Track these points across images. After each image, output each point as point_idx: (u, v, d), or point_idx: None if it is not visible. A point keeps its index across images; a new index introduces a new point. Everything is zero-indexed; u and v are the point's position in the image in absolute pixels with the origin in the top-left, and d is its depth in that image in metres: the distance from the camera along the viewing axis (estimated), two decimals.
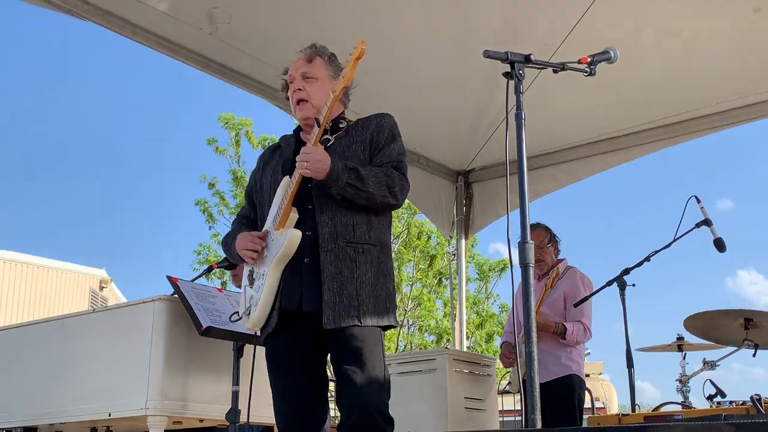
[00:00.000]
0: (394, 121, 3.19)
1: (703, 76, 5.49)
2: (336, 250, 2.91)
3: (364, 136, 3.11)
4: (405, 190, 3.05)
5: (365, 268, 2.93)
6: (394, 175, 3.00)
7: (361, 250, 2.95)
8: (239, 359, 3.33)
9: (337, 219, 2.95)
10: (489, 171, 6.89)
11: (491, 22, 5.05)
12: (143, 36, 4.82)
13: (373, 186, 2.93)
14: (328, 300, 2.86)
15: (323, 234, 2.93)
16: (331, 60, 3.25)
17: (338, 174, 2.88)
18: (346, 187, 2.89)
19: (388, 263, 3.05)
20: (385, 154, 3.08)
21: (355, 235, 2.95)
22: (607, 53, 2.77)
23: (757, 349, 4.20)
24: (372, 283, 2.94)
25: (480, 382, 4.93)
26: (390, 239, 3.14)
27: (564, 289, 5.14)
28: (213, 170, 24.71)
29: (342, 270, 2.89)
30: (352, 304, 2.86)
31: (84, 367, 3.46)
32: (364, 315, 2.87)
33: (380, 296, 2.95)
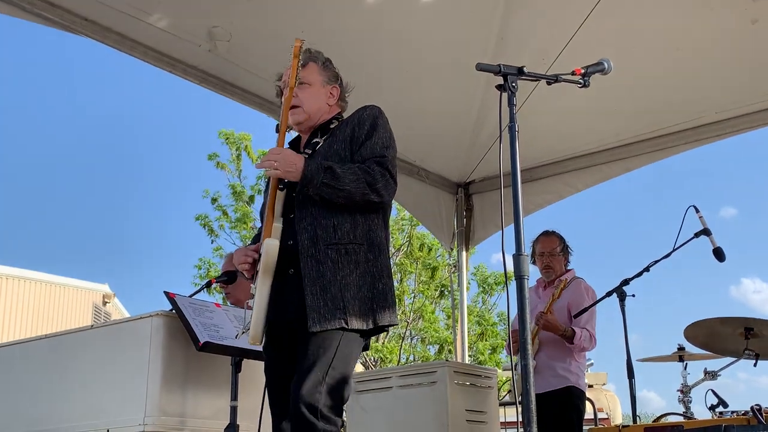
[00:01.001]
0: (378, 111, 3.09)
1: (703, 85, 5.50)
2: (316, 254, 2.84)
3: (345, 133, 3.04)
4: (389, 186, 2.93)
5: (349, 269, 2.84)
6: (375, 171, 2.89)
7: (344, 251, 2.85)
8: (237, 374, 3.32)
9: (317, 223, 2.87)
10: (489, 183, 6.88)
11: (489, 36, 5.07)
12: (141, 51, 4.84)
13: (350, 184, 2.83)
14: (312, 304, 2.77)
15: (302, 240, 2.86)
16: (325, 65, 3.21)
17: (312, 174, 2.82)
18: (322, 187, 2.82)
19: (378, 262, 2.93)
20: (367, 148, 2.97)
21: (337, 236, 2.86)
22: (601, 64, 2.76)
23: (757, 359, 4.17)
24: (357, 285, 2.83)
25: (481, 394, 4.90)
26: (383, 236, 3.00)
27: (568, 299, 5.13)
28: (214, 184, 24.77)
29: (324, 273, 2.81)
30: (338, 307, 2.78)
31: (82, 383, 3.45)
32: (350, 317, 2.78)
33: (366, 297, 2.84)
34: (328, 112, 3.17)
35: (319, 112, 3.14)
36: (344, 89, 3.26)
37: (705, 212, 4.48)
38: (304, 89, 3.10)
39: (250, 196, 17.97)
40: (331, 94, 3.18)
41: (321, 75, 3.16)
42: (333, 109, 3.19)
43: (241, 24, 4.80)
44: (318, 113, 3.14)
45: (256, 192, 18.02)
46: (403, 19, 4.93)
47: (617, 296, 4.56)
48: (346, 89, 3.27)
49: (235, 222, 17.91)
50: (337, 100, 3.20)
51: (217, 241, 18.01)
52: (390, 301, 2.92)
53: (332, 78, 3.20)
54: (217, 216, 17.96)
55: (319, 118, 3.14)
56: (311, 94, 3.11)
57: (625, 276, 4.60)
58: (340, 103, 3.22)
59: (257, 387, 3.55)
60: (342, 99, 3.23)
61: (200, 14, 4.72)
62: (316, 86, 3.13)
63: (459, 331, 6.94)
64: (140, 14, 4.59)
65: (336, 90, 3.20)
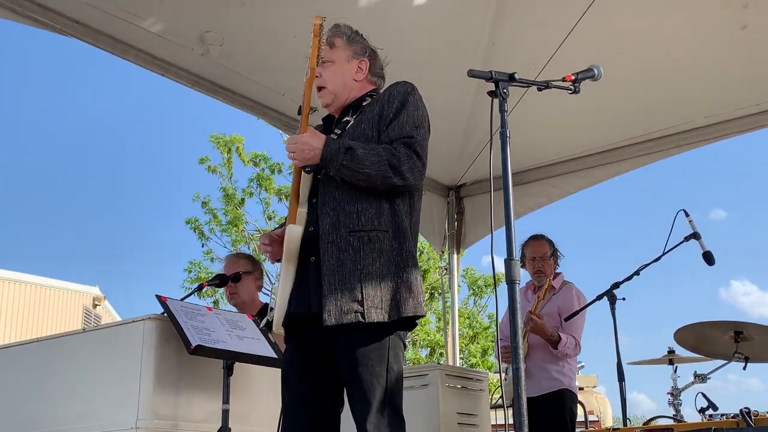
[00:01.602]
0: (411, 87, 2.93)
1: (692, 90, 5.54)
2: (338, 240, 2.70)
3: (374, 111, 2.87)
4: (416, 169, 2.77)
5: (372, 258, 2.68)
6: (400, 152, 2.73)
7: (366, 239, 2.70)
8: (229, 377, 3.32)
9: (340, 208, 2.73)
10: (480, 186, 6.90)
11: (480, 42, 5.09)
12: (133, 54, 4.85)
13: (371, 166, 2.68)
14: (328, 295, 2.64)
15: (324, 226, 2.73)
16: (351, 39, 3.03)
17: (331, 155, 2.68)
18: (341, 169, 2.68)
19: (404, 250, 2.75)
20: (394, 128, 2.81)
21: (360, 222, 2.71)
22: (591, 71, 2.78)
23: (747, 362, 4.19)
24: (380, 274, 2.68)
25: (473, 397, 4.91)
26: (408, 223, 2.83)
27: (559, 303, 5.16)
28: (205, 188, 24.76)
29: (344, 262, 2.67)
30: (356, 299, 2.63)
31: (74, 387, 3.45)
32: (368, 310, 2.63)
33: (388, 287, 2.68)
34: (358, 89, 3.01)
35: (346, 89, 2.99)
36: (376, 62, 3.08)
37: (694, 214, 4.51)
38: (327, 68, 2.95)
39: (241, 199, 17.97)
40: (359, 68, 3.02)
41: (346, 50, 2.99)
42: (364, 84, 3.03)
43: (233, 28, 4.81)
44: (345, 91, 2.99)
45: (247, 195, 18.02)
46: (394, 23, 4.93)
47: (608, 300, 4.58)
48: (379, 62, 3.09)
49: (226, 225, 17.90)
50: (367, 74, 3.03)
51: (207, 244, 18.00)
52: (415, 290, 2.75)
53: (359, 51, 3.03)
54: (208, 219, 17.96)
55: (348, 95, 2.99)
56: (334, 72, 2.97)
57: (615, 279, 4.62)
58: (372, 78, 3.06)
59: (249, 390, 3.57)
60: (374, 73, 3.06)
61: (193, 19, 4.73)
62: (340, 62, 2.98)
63: (450, 333, 6.96)
64: (134, 19, 4.59)
65: (365, 63, 3.03)
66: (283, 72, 5.23)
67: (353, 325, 2.65)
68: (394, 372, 2.69)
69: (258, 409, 3.60)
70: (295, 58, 5.04)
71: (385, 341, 2.70)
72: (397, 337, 2.76)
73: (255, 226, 18.08)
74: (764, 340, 4.19)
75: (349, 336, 2.68)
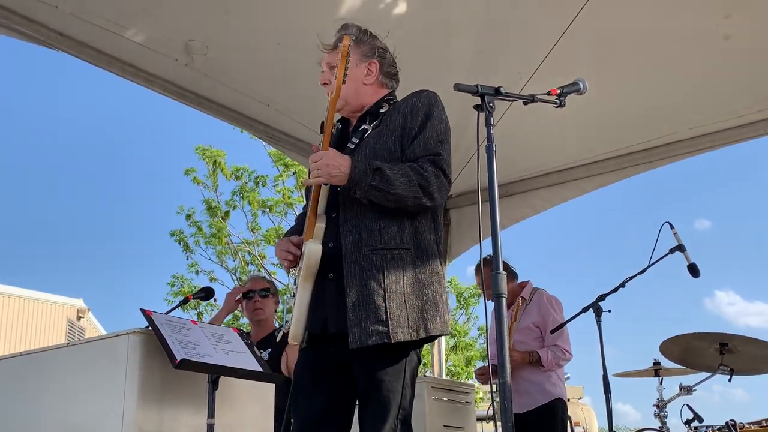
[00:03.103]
0: (434, 98, 2.87)
1: (676, 102, 5.56)
2: (360, 260, 2.65)
3: (396, 122, 2.81)
4: (444, 188, 2.74)
5: (395, 277, 2.64)
6: (428, 172, 2.68)
7: (389, 257, 2.65)
8: (214, 392, 3.30)
9: (362, 225, 2.69)
10: (466, 198, 6.88)
11: (465, 52, 5.09)
12: (118, 67, 4.84)
13: (401, 187, 2.63)
14: (354, 318, 2.60)
15: (346, 244, 2.68)
16: (359, 40, 2.95)
17: (360, 177, 2.61)
18: (371, 190, 2.62)
19: (428, 267, 2.72)
20: (420, 144, 2.75)
21: (383, 240, 2.67)
22: (577, 85, 2.78)
23: (732, 374, 4.21)
24: (404, 293, 2.64)
25: (459, 410, 4.91)
26: (432, 239, 2.81)
27: (534, 314, 5.16)
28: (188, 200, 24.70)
29: (368, 282, 2.62)
30: (380, 319, 2.59)
31: (58, 402, 3.41)
32: (394, 330, 2.59)
33: (414, 306, 2.64)
34: (371, 94, 2.95)
35: (358, 94, 2.93)
36: (385, 61, 3.01)
37: (679, 225, 4.54)
38: (335, 72, 2.82)
39: (226, 211, 17.93)
40: (369, 71, 2.96)
41: (354, 53, 2.87)
42: (376, 89, 2.97)
43: (217, 37, 4.79)
44: (356, 96, 2.93)
45: (231, 207, 17.95)
46: (379, 33, 4.93)
47: (593, 312, 4.58)
48: (388, 59, 3.02)
49: (210, 237, 17.85)
50: (377, 77, 2.97)
51: (192, 257, 17.94)
52: (441, 308, 2.73)
53: (368, 53, 2.97)
54: (193, 232, 17.90)
55: (360, 101, 2.94)
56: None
57: (601, 291, 4.63)
58: (384, 80, 3.00)
59: (234, 404, 3.54)
60: (385, 74, 3.00)
61: (176, 28, 4.71)
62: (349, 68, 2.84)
63: (437, 345, 6.94)
64: (116, 28, 4.57)
65: (374, 65, 2.97)
66: (267, 81, 5.23)
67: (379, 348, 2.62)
68: (409, 388, 2.70)
69: (244, 423, 3.57)
70: (279, 66, 5.07)
71: (403, 359, 2.70)
72: (414, 354, 2.75)
73: (240, 239, 18.03)
74: (749, 353, 4.21)
75: (369, 354, 2.65)
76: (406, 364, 2.69)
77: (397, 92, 3.01)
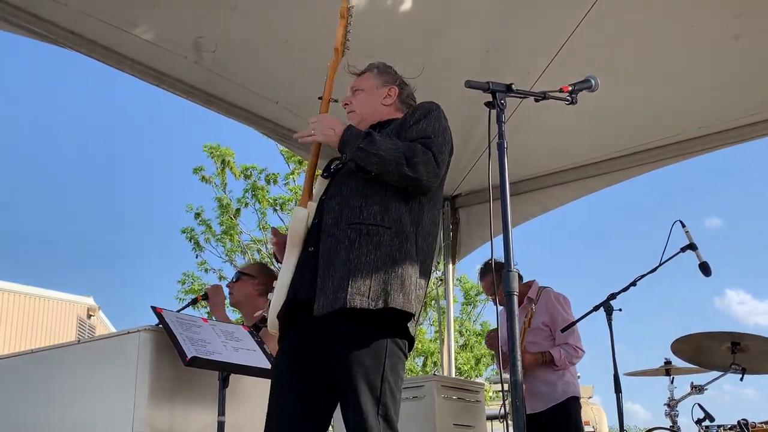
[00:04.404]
0: (434, 105, 2.99)
1: (686, 101, 5.54)
2: (336, 233, 2.74)
3: (397, 123, 2.98)
4: (430, 165, 2.77)
5: (366, 250, 2.69)
6: (416, 147, 2.77)
7: (365, 231, 2.71)
8: (225, 389, 3.30)
9: (344, 203, 2.79)
10: (475, 196, 6.88)
11: (474, 51, 5.09)
12: (128, 65, 4.84)
13: (385, 150, 2.72)
14: (321, 285, 2.67)
15: (327, 220, 2.79)
16: (381, 71, 3.20)
17: (350, 138, 2.78)
18: (357, 152, 2.73)
19: (404, 249, 2.74)
20: (413, 130, 2.87)
21: (362, 217, 2.74)
22: (588, 82, 2.77)
23: (744, 373, 4.19)
24: (373, 265, 2.67)
25: (469, 409, 4.90)
26: (416, 230, 2.81)
27: (543, 313, 5.15)
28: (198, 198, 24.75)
29: (339, 252, 2.69)
30: (342, 287, 2.63)
31: (69, 399, 3.42)
32: (352, 297, 2.61)
33: (379, 279, 2.66)
34: (386, 114, 3.13)
35: (374, 114, 3.12)
36: (405, 91, 3.20)
37: (689, 223, 4.50)
38: (357, 95, 3.13)
39: (237, 209, 17.93)
40: (388, 95, 3.15)
41: (375, 80, 3.15)
42: (392, 111, 3.14)
43: (225, 34, 4.80)
44: (373, 115, 3.11)
45: (243, 205, 17.95)
46: (386, 32, 4.93)
47: (604, 311, 4.57)
48: (408, 91, 3.22)
49: (221, 235, 17.86)
50: (395, 101, 3.15)
51: (201, 255, 17.96)
52: (408, 287, 2.71)
53: (389, 80, 3.17)
54: (203, 230, 17.91)
55: (376, 119, 3.10)
56: (364, 99, 3.12)
57: (612, 290, 4.61)
58: (401, 106, 3.16)
59: (245, 402, 3.54)
60: (403, 101, 3.17)
61: (185, 24, 4.72)
62: (370, 90, 3.13)
63: (446, 344, 6.94)
64: (126, 26, 4.58)
65: (394, 90, 3.16)
66: (276, 78, 5.23)
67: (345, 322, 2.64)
68: (389, 383, 2.65)
69: (254, 421, 3.56)
70: (288, 64, 5.07)
71: (382, 349, 2.67)
72: (395, 346, 2.72)
73: (250, 236, 18.04)
74: (761, 351, 4.19)
75: (343, 339, 2.66)
76: (385, 357, 2.66)
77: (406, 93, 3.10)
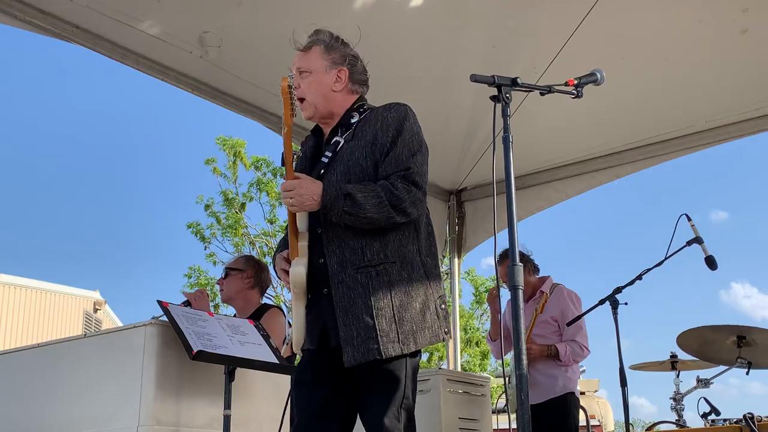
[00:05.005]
0: (404, 112, 2.86)
1: (692, 94, 5.54)
2: (346, 280, 2.69)
3: (367, 137, 2.81)
4: (418, 201, 2.73)
5: (382, 293, 2.67)
6: (399, 189, 2.68)
7: (374, 273, 2.69)
8: (230, 383, 3.31)
9: (344, 245, 2.72)
10: (481, 190, 6.88)
11: (480, 45, 5.08)
12: (133, 59, 4.84)
13: (372, 210, 2.65)
14: (345, 336, 2.66)
15: (332, 265, 2.72)
16: (329, 47, 2.95)
17: (332, 203, 2.65)
18: (344, 215, 2.65)
19: (413, 277, 2.74)
20: (391, 161, 2.75)
21: (366, 258, 2.70)
22: (594, 75, 2.76)
23: (750, 367, 4.17)
24: (392, 308, 2.67)
25: (474, 402, 4.91)
26: (416, 250, 2.81)
27: (554, 308, 5.14)
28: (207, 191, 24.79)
29: (355, 300, 2.67)
30: (370, 337, 2.63)
31: (75, 393, 3.44)
32: (385, 346, 2.63)
33: (403, 320, 2.67)
34: (339, 101, 2.93)
35: (326, 101, 2.91)
36: (356, 68, 2.98)
37: (695, 216, 4.49)
38: (305, 78, 2.90)
39: (242, 203, 17.96)
40: (338, 78, 2.92)
41: (323, 60, 2.91)
42: (345, 95, 2.95)
43: (231, 29, 4.80)
44: (325, 102, 2.91)
45: (248, 199, 17.96)
46: (392, 26, 4.93)
47: (610, 304, 4.56)
48: (359, 67, 3.00)
49: (227, 229, 17.89)
50: (347, 84, 2.94)
51: (209, 248, 17.99)
52: (429, 319, 2.75)
53: (338, 60, 2.94)
54: (210, 223, 17.95)
55: (329, 107, 2.92)
56: (311, 84, 2.89)
57: (617, 284, 4.61)
58: (353, 87, 2.97)
59: (250, 396, 3.55)
60: (355, 81, 2.97)
61: (190, 19, 4.71)
62: (318, 73, 2.90)
63: (450, 341, 6.94)
64: (131, 20, 4.58)
65: (343, 72, 2.93)
66: (281, 73, 5.19)
67: (378, 364, 2.67)
68: (411, 380, 2.73)
69: (259, 414, 3.59)
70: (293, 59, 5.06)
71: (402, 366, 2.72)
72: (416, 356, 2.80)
73: (257, 229, 18.06)
74: (767, 345, 4.18)
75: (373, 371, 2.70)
76: (407, 362, 2.72)
77: (408, 84, 3.01)
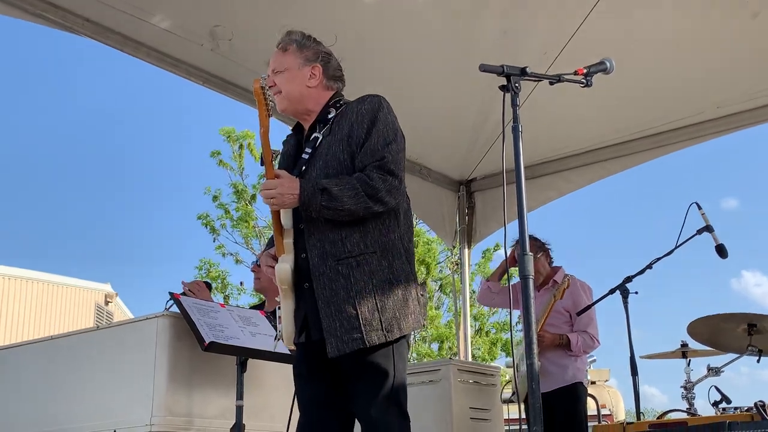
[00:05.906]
0: (378, 102, 2.89)
1: (703, 81, 5.50)
2: (327, 272, 2.73)
3: (344, 131, 2.85)
4: (394, 189, 2.75)
5: (363, 283, 2.71)
6: (374, 179, 2.72)
7: (355, 264, 2.72)
8: (242, 374, 3.33)
9: (324, 238, 2.76)
10: (491, 180, 6.88)
11: (491, 32, 5.07)
12: (144, 52, 4.87)
13: (349, 202, 2.68)
14: (328, 327, 2.69)
15: (313, 258, 2.76)
16: (302, 45, 3.00)
17: (309, 199, 2.69)
18: (323, 210, 2.69)
19: (394, 266, 2.78)
20: (367, 152, 2.78)
21: (346, 249, 2.74)
22: (603, 64, 2.75)
23: (761, 355, 4.17)
24: (374, 296, 2.70)
25: (485, 392, 4.92)
26: (397, 237, 2.83)
27: (566, 300, 5.14)
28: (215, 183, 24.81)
29: (337, 291, 2.71)
30: (353, 326, 2.67)
31: (88, 384, 3.46)
32: (369, 334, 2.67)
33: (386, 308, 2.71)
34: (315, 97, 2.97)
35: (302, 98, 2.96)
36: (330, 65, 3.03)
37: (705, 204, 4.48)
38: (279, 75, 2.96)
39: (252, 195, 17.96)
40: (312, 75, 2.97)
41: (297, 58, 2.97)
42: (320, 91, 2.99)
43: (241, 22, 4.81)
44: (300, 98, 2.96)
45: (258, 191, 17.95)
46: (403, 17, 4.93)
47: (620, 294, 4.56)
48: (333, 64, 3.05)
49: (237, 220, 17.90)
50: (321, 80, 2.98)
51: (218, 239, 18.01)
52: (411, 305, 2.80)
53: (311, 57, 2.99)
54: (219, 215, 17.95)
55: (304, 104, 2.97)
56: (287, 80, 2.94)
57: (628, 273, 4.60)
58: (328, 83, 3.01)
59: (262, 386, 3.58)
60: (330, 77, 3.02)
61: (201, 13, 4.73)
62: (292, 70, 2.95)
63: (462, 328, 6.95)
64: (142, 14, 4.61)
65: (317, 69, 2.98)
66: None
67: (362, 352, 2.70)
68: (399, 370, 2.77)
69: (271, 405, 3.61)
70: None
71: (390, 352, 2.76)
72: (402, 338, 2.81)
73: (266, 221, 18.05)
74: None
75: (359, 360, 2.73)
76: (393, 349, 2.76)
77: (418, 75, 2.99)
